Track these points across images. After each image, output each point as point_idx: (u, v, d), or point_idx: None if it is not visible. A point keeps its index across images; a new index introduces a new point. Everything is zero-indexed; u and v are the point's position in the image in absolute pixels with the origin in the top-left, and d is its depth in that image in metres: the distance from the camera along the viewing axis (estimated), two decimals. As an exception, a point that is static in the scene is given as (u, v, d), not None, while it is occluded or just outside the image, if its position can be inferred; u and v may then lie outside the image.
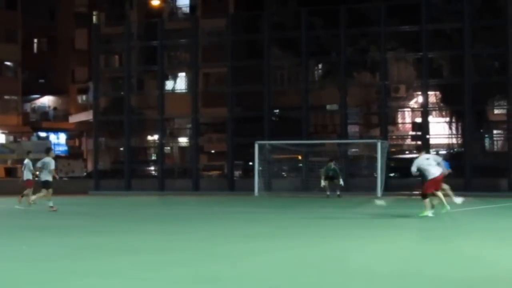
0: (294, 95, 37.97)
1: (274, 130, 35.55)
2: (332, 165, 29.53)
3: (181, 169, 43.73)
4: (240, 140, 36.57)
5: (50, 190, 21.10)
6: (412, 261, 9.71)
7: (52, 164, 21.27)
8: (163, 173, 38.72)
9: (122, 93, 40.71)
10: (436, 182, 17.25)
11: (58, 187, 26.96)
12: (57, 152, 53.42)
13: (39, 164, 21.41)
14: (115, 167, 42.98)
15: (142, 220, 18.32)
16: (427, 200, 17.22)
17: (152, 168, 44.23)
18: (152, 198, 32.22)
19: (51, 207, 20.74)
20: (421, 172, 17.33)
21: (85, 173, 49.11)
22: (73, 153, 59.94)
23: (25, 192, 25.61)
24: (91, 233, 14.24)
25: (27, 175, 25.71)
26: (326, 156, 35.98)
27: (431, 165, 17.18)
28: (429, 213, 17.09)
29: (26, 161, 26.25)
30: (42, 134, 61.99)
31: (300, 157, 37.55)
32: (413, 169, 17.24)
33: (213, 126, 46.12)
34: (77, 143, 61.80)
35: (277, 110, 39.82)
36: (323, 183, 29.16)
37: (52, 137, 61.22)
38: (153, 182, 39.17)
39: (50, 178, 21.15)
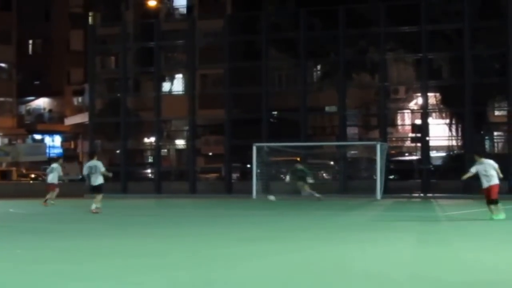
0: (292, 96, 37.69)
1: (272, 132, 35.26)
2: (299, 166, 29.75)
3: (178, 171, 43.51)
4: (237, 142, 36.24)
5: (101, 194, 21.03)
6: (411, 265, 9.65)
7: (101, 166, 21.00)
8: (159, 176, 38.42)
9: (118, 94, 40.42)
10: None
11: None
12: (52, 155, 53.18)
13: (92, 169, 20.87)
14: (111, 169, 42.09)
15: (138, 223, 18.22)
16: (499, 204, 17.10)
17: (149, 170, 43.94)
18: (149, 201, 31.91)
19: (98, 208, 20.57)
20: (480, 175, 16.99)
21: (80, 176, 48.67)
22: (68, 155, 59.47)
23: (48, 196, 25.46)
24: (86, 236, 14.11)
25: (53, 179, 25.58)
26: (325, 158, 35.72)
27: None
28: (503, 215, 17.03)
29: (56, 165, 26.10)
30: (37, 137, 61.66)
31: (298, 159, 37.21)
32: (495, 165, 17.04)
33: (210, 128, 45.87)
34: (72, 146, 61.42)
35: (275, 112, 39.58)
36: (287, 179, 30.02)
37: (47, 140, 60.89)
38: (150, 184, 38.87)
39: (102, 181, 20.91)
